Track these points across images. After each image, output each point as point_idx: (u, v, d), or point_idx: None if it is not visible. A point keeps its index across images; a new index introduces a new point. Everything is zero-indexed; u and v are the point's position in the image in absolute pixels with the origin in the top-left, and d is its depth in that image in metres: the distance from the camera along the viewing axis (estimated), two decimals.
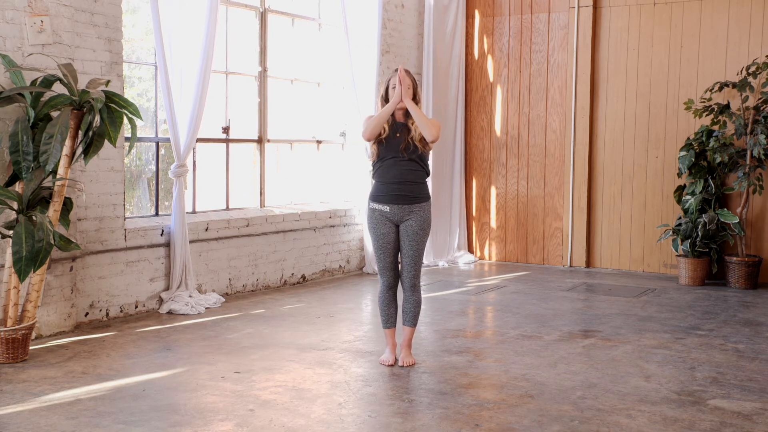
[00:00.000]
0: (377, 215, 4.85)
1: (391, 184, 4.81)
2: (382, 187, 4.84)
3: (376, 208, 4.85)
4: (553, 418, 3.95)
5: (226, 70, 7.29)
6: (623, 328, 5.98)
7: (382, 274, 4.92)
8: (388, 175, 4.82)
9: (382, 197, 4.84)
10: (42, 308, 5.41)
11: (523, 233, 9.40)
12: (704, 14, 8.32)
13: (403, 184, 4.81)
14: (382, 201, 4.83)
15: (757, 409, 4.13)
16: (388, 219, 4.84)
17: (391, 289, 4.93)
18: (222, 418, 3.90)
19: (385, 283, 4.92)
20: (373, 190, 4.91)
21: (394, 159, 4.81)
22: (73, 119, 5.03)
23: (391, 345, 4.96)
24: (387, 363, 4.89)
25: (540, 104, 9.23)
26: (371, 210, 4.88)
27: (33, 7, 5.26)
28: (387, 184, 4.83)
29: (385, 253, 4.86)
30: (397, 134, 4.84)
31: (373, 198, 4.89)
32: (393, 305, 4.95)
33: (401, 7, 8.97)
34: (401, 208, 4.81)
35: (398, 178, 4.80)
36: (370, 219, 4.89)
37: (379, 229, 4.85)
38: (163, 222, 6.49)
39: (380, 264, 4.91)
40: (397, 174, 4.81)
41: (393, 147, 4.82)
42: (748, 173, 7.72)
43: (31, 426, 3.77)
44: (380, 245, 4.85)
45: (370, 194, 4.94)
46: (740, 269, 7.79)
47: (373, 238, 4.89)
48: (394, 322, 4.97)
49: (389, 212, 4.83)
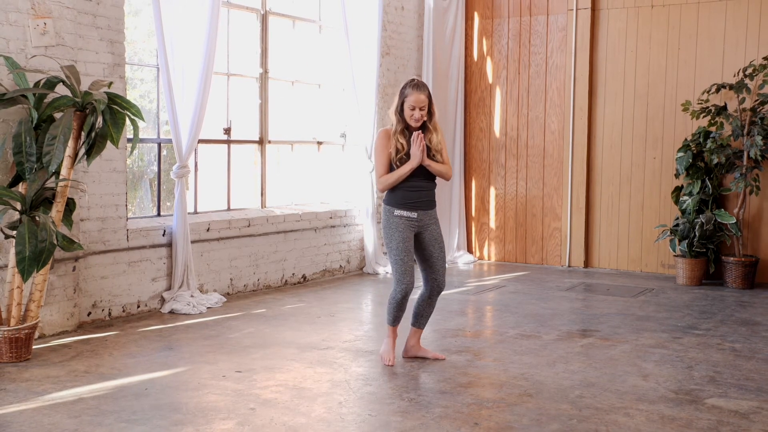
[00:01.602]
0: (403, 221, 4.77)
1: (417, 191, 4.79)
2: (409, 194, 4.79)
3: (403, 214, 4.77)
4: (552, 417, 3.98)
5: (227, 71, 7.33)
6: (621, 328, 6.01)
7: (402, 279, 4.77)
8: (418, 185, 4.79)
9: (409, 204, 4.78)
10: (45, 308, 5.44)
11: (522, 233, 9.44)
12: (701, 16, 8.37)
13: (427, 190, 4.83)
14: (410, 207, 4.78)
15: (754, 407, 4.17)
16: (412, 225, 4.80)
17: (408, 295, 4.82)
18: (223, 417, 3.94)
19: (404, 290, 4.78)
20: (397, 198, 4.80)
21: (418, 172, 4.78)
22: (76, 120, 5.07)
23: (393, 341, 4.95)
24: (389, 362, 4.87)
25: (539, 105, 9.27)
26: (396, 217, 4.78)
27: (36, 10, 5.30)
28: (412, 191, 4.78)
29: (408, 256, 4.76)
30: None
31: (397, 204, 4.79)
32: (404, 308, 4.91)
33: (401, 9, 9.01)
34: (425, 214, 4.83)
35: (423, 185, 4.81)
36: (395, 225, 4.78)
37: (404, 233, 4.77)
38: (165, 222, 6.53)
39: (402, 267, 4.76)
40: (426, 184, 4.82)
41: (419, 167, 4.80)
42: (745, 174, 7.76)
43: (35, 424, 3.80)
44: (405, 248, 4.76)
45: (391, 201, 4.83)
46: (737, 269, 7.83)
47: (397, 242, 4.76)
48: (400, 320, 4.96)
49: (416, 218, 4.79)
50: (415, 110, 4.70)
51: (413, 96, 4.70)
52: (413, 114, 4.71)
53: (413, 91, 4.71)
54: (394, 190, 4.83)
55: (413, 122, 4.74)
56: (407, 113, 4.73)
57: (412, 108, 4.71)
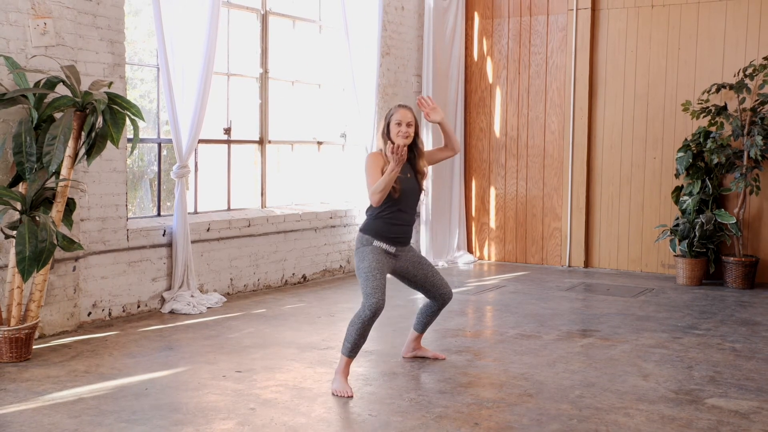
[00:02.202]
0: (379, 251, 4.57)
1: (403, 225, 4.65)
2: (394, 229, 4.61)
3: (381, 246, 4.58)
4: (552, 417, 3.99)
5: (227, 71, 7.33)
6: (621, 328, 6.02)
7: (372, 294, 4.40)
8: (402, 217, 4.64)
9: (391, 238, 4.61)
10: (45, 308, 5.45)
11: (522, 233, 9.45)
12: (701, 16, 8.37)
13: (410, 226, 4.71)
14: (390, 242, 4.60)
15: (754, 407, 4.17)
16: (389, 256, 4.63)
17: (376, 315, 4.40)
18: (223, 417, 3.94)
19: (373, 307, 4.38)
20: (380, 229, 4.59)
21: (409, 202, 4.66)
22: (76, 120, 5.07)
23: (345, 373, 4.44)
24: (347, 394, 4.31)
25: (539, 106, 9.27)
26: (373, 247, 4.56)
27: (36, 10, 5.30)
28: (398, 225, 4.62)
29: (381, 274, 4.49)
30: (408, 174, 4.66)
31: (377, 236, 4.58)
32: (366, 335, 4.46)
33: (401, 9, 9.01)
34: (403, 249, 4.71)
35: (409, 221, 4.68)
36: (371, 252, 4.55)
37: (381, 257, 4.56)
38: (165, 222, 6.53)
39: (373, 283, 4.44)
40: (409, 218, 4.69)
41: (409, 189, 4.65)
42: (745, 174, 7.76)
43: (35, 424, 3.80)
44: (379, 267, 4.51)
45: (370, 231, 4.60)
46: (737, 269, 7.83)
47: (371, 262, 4.51)
48: (357, 353, 4.49)
49: (394, 252, 4.65)
50: (401, 125, 4.55)
51: (399, 112, 4.59)
52: (400, 130, 4.55)
53: (398, 108, 4.62)
54: (376, 221, 4.61)
55: (401, 139, 4.54)
56: (394, 131, 4.57)
57: (398, 123, 4.57)
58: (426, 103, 4.74)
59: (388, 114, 4.65)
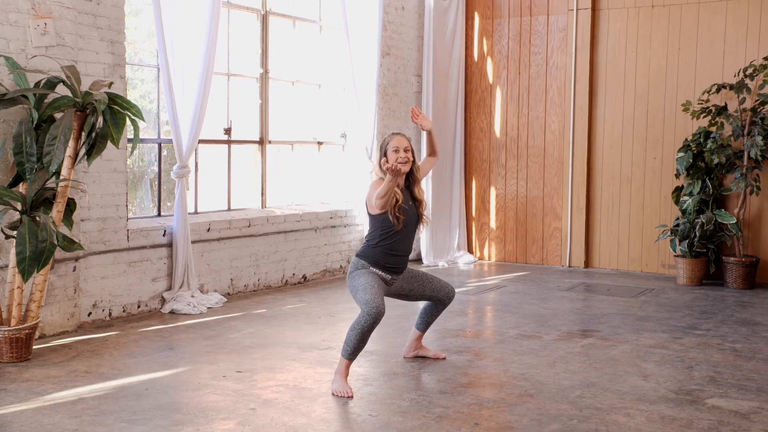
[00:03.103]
0: (375, 274, 4.58)
1: (402, 256, 4.66)
2: (392, 258, 4.62)
3: (378, 273, 4.60)
4: (552, 417, 3.99)
5: (227, 72, 7.33)
6: (621, 328, 6.02)
7: (372, 300, 4.37)
8: (402, 247, 4.64)
9: (389, 267, 4.62)
10: (45, 308, 5.45)
11: (523, 233, 9.45)
12: (702, 17, 8.37)
13: (408, 255, 4.72)
14: (387, 270, 4.63)
15: (755, 408, 4.17)
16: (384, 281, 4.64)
17: (376, 320, 4.36)
18: (224, 417, 3.94)
19: (373, 313, 4.33)
20: (378, 258, 4.60)
21: (409, 232, 4.64)
22: (76, 121, 5.07)
23: (345, 374, 4.43)
24: (347, 394, 4.30)
25: (539, 106, 9.28)
26: (370, 271, 4.57)
27: (36, 10, 5.30)
28: (397, 256, 4.63)
29: (378, 285, 4.51)
30: (409, 202, 4.65)
31: (375, 264, 4.59)
32: (366, 340, 4.44)
33: (401, 10, 9.01)
34: (398, 277, 4.73)
35: (407, 251, 4.69)
36: (365, 273, 4.56)
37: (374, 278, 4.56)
38: (166, 222, 6.53)
39: (371, 291, 4.43)
40: (409, 247, 4.69)
41: (410, 218, 4.63)
42: (746, 174, 7.77)
43: (35, 424, 3.80)
44: (374, 281, 4.52)
45: (368, 257, 4.60)
46: (737, 269, 7.83)
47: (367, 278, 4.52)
48: (357, 356, 4.48)
49: (389, 279, 4.67)
50: (399, 151, 4.53)
51: (394, 139, 4.57)
52: (398, 156, 4.52)
53: (393, 136, 4.60)
54: (375, 249, 4.60)
55: (402, 166, 4.46)
56: (391, 158, 4.54)
57: (395, 150, 4.54)
58: (416, 114, 4.77)
59: (383, 143, 4.62)
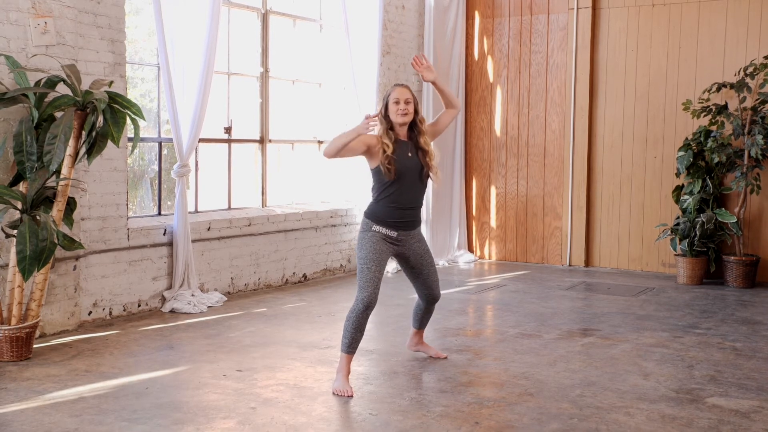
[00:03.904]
0: (380, 236, 4.50)
1: (405, 209, 4.54)
2: (394, 212, 4.51)
3: (382, 231, 4.50)
4: (553, 416, 3.99)
5: (228, 70, 7.33)
6: (622, 327, 6.02)
7: (365, 287, 4.39)
8: (403, 200, 4.52)
9: (392, 222, 4.51)
10: (46, 307, 5.45)
11: (523, 232, 9.45)
12: (702, 15, 8.37)
13: (415, 209, 4.59)
14: (391, 226, 4.51)
15: (755, 407, 4.18)
16: (390, 242, 4.54)
17: (369, 309, 4.39)
18: (224, 416, 3.94)
19: (364, 300, 4.36)
20: (380, 213, 4.52)
21: (411, 184, 4.54)
22: (77, 120, 5.07)
23: (346, 372, 4.41)
24: (347, 394, 4.29)
25: (539, 105, 9.27)
26: (374, 232, 4.50)
27: (37, 9, 5.30)
28: (400, 209, 4.52)
29: (377, 266, 4.44)
30: (408, 154, 4.55)
31: (378, 221, 4.51)
32: (363, 329, 4.43)
33: (402, 9, 9.01)
34: (407, 234, 4.58)
35: (413, 203, 4.57)
36: (370, 239, 4.49)
37: (379, 246, 4.48)
38: (166, 221, 6.53)
39: (367, 276, 4.41)
40: (413, 199, 4.57)
41: (410, 169, 4.53)
42: (746, 173, 7.76)
43: (35, 423, 3.81)
44: (375, 258, 4.44)
45: (371, 215, 4.54)
46: (738, 268, 7.83)
47: (368, 251, 4.46)
48: (356, 348, 4.46)
49: (396, 237, 4.54)
50: (399, 103, 4.48)
51: (396, 90, 4.51)
52: (398, 108, 4.48)
53: (395, 87, 4.56)
54: (377, 204, 4.54)
55: (399, 117, 4.48)
56: (392, 109, 4.49)
57: (396, 102, 4.49)
58: (419, 62, 4.70)
59: (386, 94, 4.58)
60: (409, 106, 4.52)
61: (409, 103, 4.52)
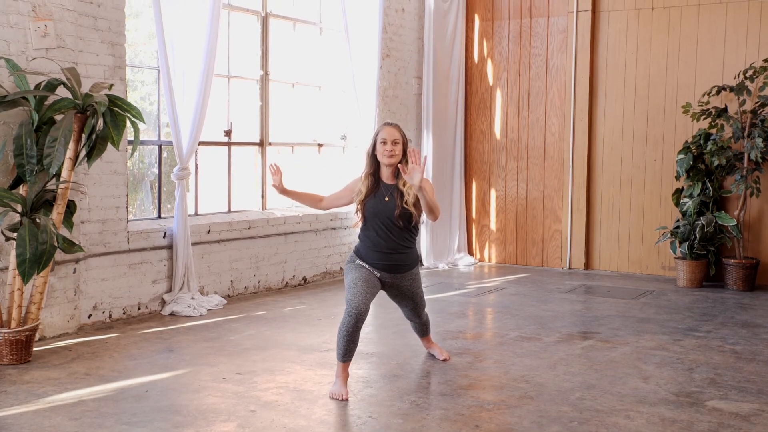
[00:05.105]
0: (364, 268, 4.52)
1: (383, 253, 4.51)
2: (374, 255, 4.52)
3: (365, 267, 4.53)
4: (553, 419, 3.98)
5: (228, 73, 7.33)
6: (622, 330, 6.01)
7: (353, 299, 4.34)
8: (380, 245, 4.50)
9: (374, 264, 4.53)
10: (45, 310, 5.45)
11: (523, 235, 9.44)
12: (702, 18, 8.37)
13: (396, 254, 4.53)
14: (375, 267, 4.54)
15: (755, 410, 4.17)
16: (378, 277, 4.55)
17: (359, 319, 4.31)
18: (224, 419, 3.94)
19: (355, 313, 4.30)
20: (363, 252, 4.55)
21: (386, 228, 4.49)
22: (77, 123, 5.08)
23: (344, 377, 4.38)
24: (342, 397, 4.27)
25: (539, 107, 9.28)
26: (357, 265, 4.53)
27: (37, 12, 5.30)
28: (379, 252, 4.51)
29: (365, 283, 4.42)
30: (385, 198, 4.49)
31: (362, 258, 4.55)
32: (356, 340, 4.37)
33: (402, 12, 9.02)
34: (393, 276, 4.60)
35: (390, 248, 4.51)
36: (356, 267, 4.52)
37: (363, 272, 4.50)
38: (166, 224, 6.53)
39: (354, 289, 4.39)
40: (391, 245, 4.51)
41: (382, 212, 4.48)
42: (746, 176, 7.76)
43: (35, 427, 3.80)
44: (361, 277, 4.45)
45: (357, 252, 4.58)
46: (738, 271, 7.83)
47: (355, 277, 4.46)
48: (352, 356, 4.41)
49: (380, 276, 4.57)
50: (386, 143, 4.43)
51: (384, 130, 4.47)
52: (384, 149, 4.43)
53: (384, 126, 4.51)
54: (360, 242, 4.58)
55: (386, 158, 4.44)
56: (379, 149, 4.46)
57: (383, 142, 4.45)
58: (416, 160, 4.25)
59: (375, 132, 4.57)
60: (396, 147, 4.46)
61: (397, 144, 4.46)
